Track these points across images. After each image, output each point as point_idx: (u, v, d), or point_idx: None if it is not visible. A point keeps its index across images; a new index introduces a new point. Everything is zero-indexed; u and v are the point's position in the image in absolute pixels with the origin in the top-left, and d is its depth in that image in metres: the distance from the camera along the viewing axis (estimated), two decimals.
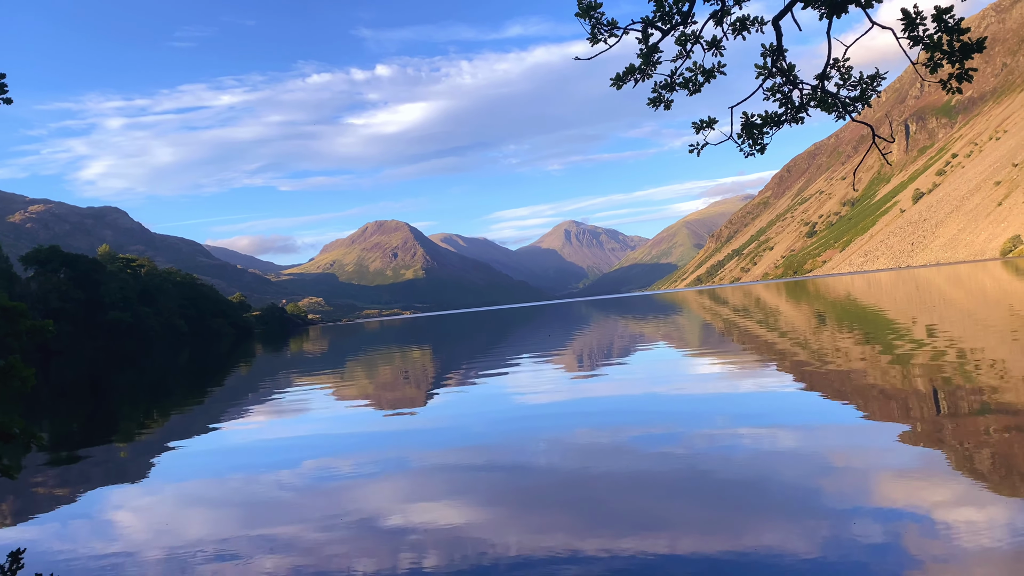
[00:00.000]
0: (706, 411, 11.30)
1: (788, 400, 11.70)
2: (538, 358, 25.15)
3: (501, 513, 6.90)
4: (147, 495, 9.19)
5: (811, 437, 8.83)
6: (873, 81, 5.90)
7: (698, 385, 14.63)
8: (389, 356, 35.66)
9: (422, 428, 12.56)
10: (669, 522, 6.14)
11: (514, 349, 31.32)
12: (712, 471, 7.63)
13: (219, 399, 21.35)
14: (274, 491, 8.65)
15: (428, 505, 7.39)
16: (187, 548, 6.65)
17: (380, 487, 8.38)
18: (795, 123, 6.18)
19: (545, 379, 18.36)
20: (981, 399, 10.07)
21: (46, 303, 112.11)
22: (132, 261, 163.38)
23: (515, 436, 10.69)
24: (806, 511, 6.10)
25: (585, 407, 13.05)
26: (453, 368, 25.40)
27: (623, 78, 6.01)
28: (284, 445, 11.95)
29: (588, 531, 6.09)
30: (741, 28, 5.75)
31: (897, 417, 9.50)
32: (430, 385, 20.10)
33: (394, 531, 6.59)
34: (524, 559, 5.58)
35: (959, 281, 59.82)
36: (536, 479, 8.05)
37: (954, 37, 5.10)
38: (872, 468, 7.21)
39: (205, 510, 8.13)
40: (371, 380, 23.58)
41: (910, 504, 6.03)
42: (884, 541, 5.30)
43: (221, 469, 10.37)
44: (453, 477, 8.56)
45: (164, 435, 14.75)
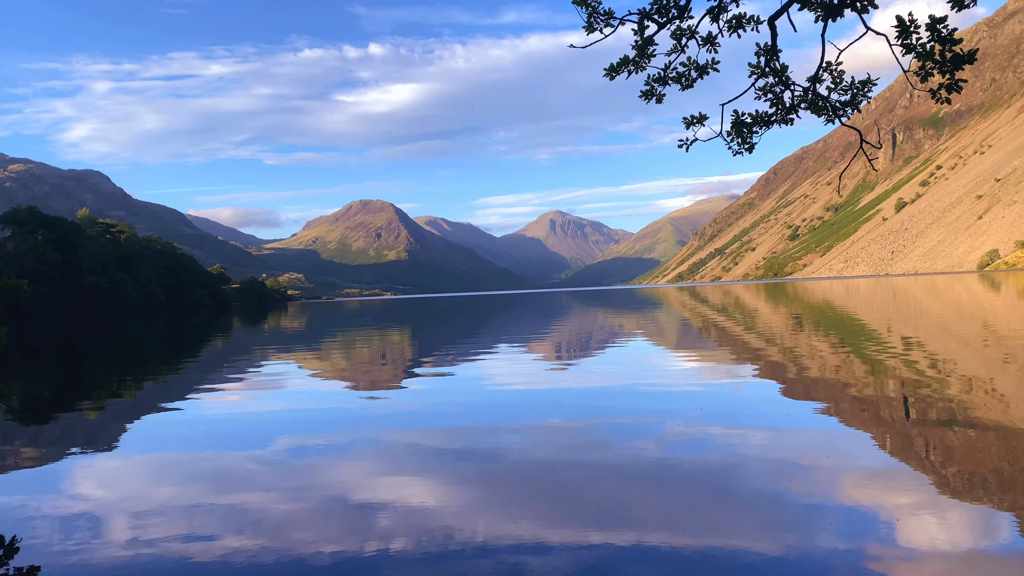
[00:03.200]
0: (679, 406, 11.37)
1: (761, 399, 11.80)
2: (516, 346, 25.19)
3: (470, 497, 6.91)
4: (116, 462, 9.12)
5: (781, 437, 8.91)
6: (864, 87, 5.92)
7: (673, 380, 14.72)
8: (368, 337, 35.57)
9: (396, 409, 12.55)
10: (636, 514, 6.18)
11: (493, 336, 31.35)
12: (682, 466, 7.68)
13: (194, 370, 21.21)
14: (244, 464, 8.62)
15: (398, 485, 7.39)
16: (152, 518, 6.61)
17: (351, 466, 8.37)
18: (785, 124, 6.20)
19: (522, 367, 18.39)
20: (950, 407, 10.21)
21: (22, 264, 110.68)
22: (112, 226, 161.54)
23: (489, 422, 10.70)
24: (772, 509, 6.17)
25: (560, 397, 13.10)
26: (431, 352, 25.39)
27: (617, 69, 6.00)
28: (257, 420, 11.90)
29: (556, 519, 6.12)
30: (737, 26, 5.76)
31: (867, 421, 9.61)
32: (407, 367, 20.07)
33: (363, 510, 6.59)
34: (491, 544, 5.60)
35: (936, 291, 60.52)
36: (507, 465, 8.07)
37: (946, 47, 5.13)
38: (839, 469, 7.29)
39: (174, 481, 8.08)
40: (348, 360, 23.51)
41: (875, 506, 6.11)
42: (847, 540, 5.37)
43: (192, 440, 10.31)
44: (425, 459, 8.57)
45: (136, 404, 14.63)
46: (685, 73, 6.02)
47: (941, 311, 34.56)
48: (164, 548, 5.84)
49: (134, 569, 5.45)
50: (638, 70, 5.90)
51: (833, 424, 9.62)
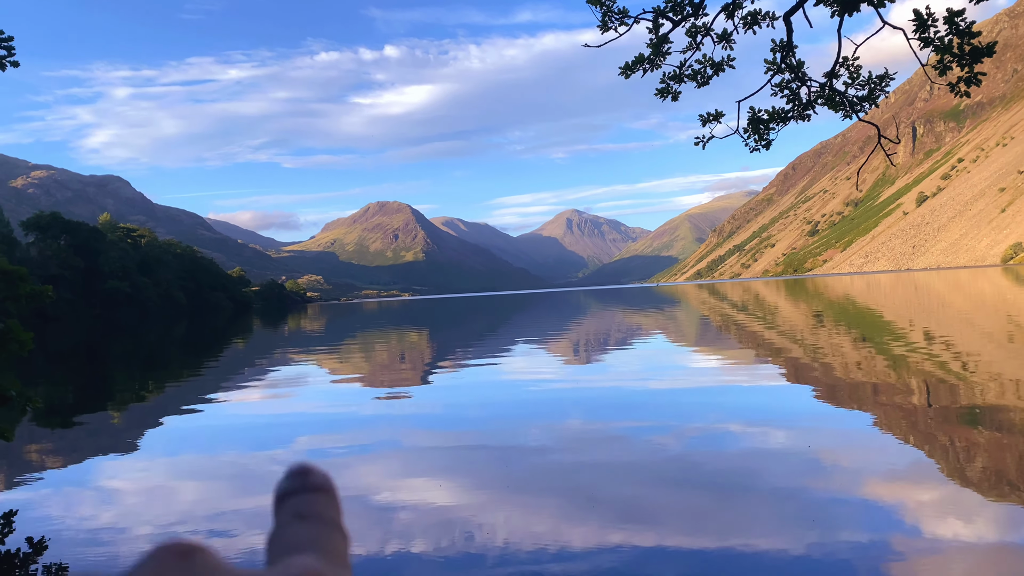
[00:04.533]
0: (699, 404, 11.33)
1: (782, 397, 11.73)
2: (534, 345, 25.19)
3: (491, 497, 6.93)
4: (140, 464, 9.22)
5: (802, 434, 8.86)
6: (882, 81, 5.87)
7: (693, 378, 14.66)
8: (386, 337, 35.70)
9: (416, 409, 12.59)
10: (657, 513, 6.17)
11: (511, 335, 31.36)
12: (702, 464, 7.66)
13: (215, 372, 21.39)
14: (266, 465, 8.69)
15: (419, 486, 7.42)
16: (177, 519, 6.69)
17: (371, 466, 8.42)
18: (802, 120, 6.16)
19: (540, 366, 18.40)
20: (974, 404, 10.10)
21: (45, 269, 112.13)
22: (133, 231, 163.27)
23: (508, 421, 10.72)
24: (795, 507, 6.13)
25: (579, 395, 13.09)
26: (449, 351, 25.44)
27: (632, 67, 5.99)
28: (278, 421, 11.99)
29: (576, 519, 6.12)
30: (752, 22, 5.72)
31: (890, 418, 9.53)
32: (426, 367, 20.13)
33: (383, 511, 6.62)
34: (512, 545, 5.61)
35: (959, 286, 59.84)
36: (527, 465, 8.08)
37: (965, 40, 5.08)
38: (862, 467, 7.24)
39: (197, 482, 8.16)
40: (367, 360, 23.61)
41: (898, 503, 6.06)
42: (870, 538, 5.33)
43: (214, 442, 10.41)
44: (445, 459, 8.60)
45: (159, 406, 14.79)
46: (701, 70, 5.99)
47: (965, 306, 34.17)
48: None
49: None
50: (653, 68, 5.88)
51: (855, 421, 9.54)
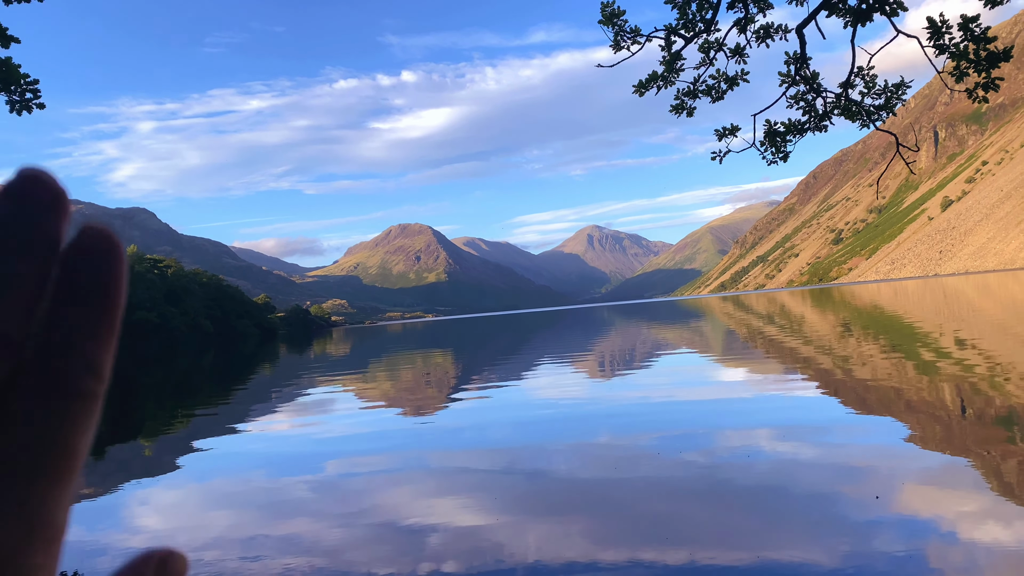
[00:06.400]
0: (728, 418, 11.25)
1: (811, 408, 11.62)
2: (560, 362, 25.14)
3: (520, 517, 6.92)
4: (172, 492, 9.32)
5: (834, 445, 8.76)
6: (898, 89, 5.85)
7: (720, 392, 14.56)
8: (411, 359, 35.81)
9: (443, 430, 12.62)
10: (689, 530, 6.14)
11: (536, 353, 31.33)
12: (733, 479, 7.60)
13: (243, 399, 21.57)
14: (297, 491, 8.75)
15: (448, 507, 7.43)
16: (210, 546, 6.75)
17: (401, 488, 8.45)
18: (818, 131, 6.14)
19: (566, 384, 18.36)
20: (1009, 411, 9.94)
21: None
22: (159, 262, 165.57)
23: (535, 440, 10.71)
24: (828, 521, 6.07)
25: (606, 412, 13.04)
26: (474, 371, 25.46)
27: (646, 85, 6.01)
28: (307, 445, 12.06)
29: (607, 538, 6.10)
30: (765, 36, 5.73)
31: (922, 427, 9.41)
32: (451, 388, 20.17)
33: (414, 532, 6.64)
34: (543, 565, 5.61)
35: (989, 290, 58.94)
36: (556, 484, 8.07)
37: (980, 46, 5.05)
38: (895, 478, 7.15)
39: (229, 509, 8.23)
40: (393, 382, 23.70)
41: (934, 515, 5.98)
42: (906, 552, 5.26)
43: (245, 468, 10.50)
44: (473, 480, 8.60)
45: (189, 434, 14.94)
46: (715, 85, 6.00)
47: (995, 311, 33.65)
48: (220, 570, 5.96)
49: None
50: (667, 85, 5.90)
51: (888, 431, 9.43)
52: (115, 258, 0.35)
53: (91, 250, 0.34)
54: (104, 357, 0.35)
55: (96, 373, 0.35)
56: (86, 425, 0.35)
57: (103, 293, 0.35)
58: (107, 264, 0.34)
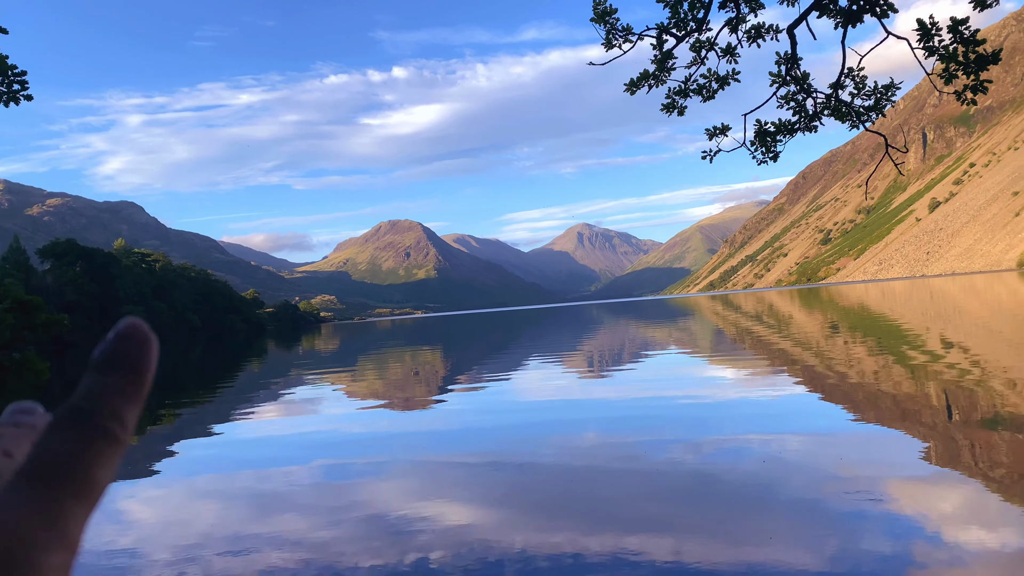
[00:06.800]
0: (715, 417, 11.29)
1: (798, 407, 11.67)
2: (549, 360, 25.17)
3: (508, 513, 6.93)
4: (158, 488, 9.28)
5: (821, 444, 8.81)
6: (888, 91, 5.88)
7: (708, 390, 14.61)
8: (400, 355, 35.77)
9: (431, 426, 12.61)
10: (675, 528, 6.16)
11: (525, 350, 31.35)
12: (719, 477, 7.63)
13: (231, 395, 21.49)
14: (284, 487, 8.72)
15: (436, 503, 7.43)
16: (197, 541, 6.73)
17: (389, 484, 8.44)
18: (808, 131, 6.17)
19: (555, 382, 18.38)
20: (995, 412, 10.02)
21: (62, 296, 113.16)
22: (147, 256, 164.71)
23: (524, 437, 10.71)
24: (813, 520, 6.10)
25: (594, 410, 13.06)
26: (463, 368, 25.46)
27: (637, 84, 6.02)
28: (294, 441, 12.03)
29: (593, 535, 6.11)
30: (756, 36, 5.76)
31: (909, 427, 9.47)
32: (440, 384, 20.15)
33: (402, 528, 6.64)
34: (529, 561, 5.61)
35: (975, 292, 59.37)
36: (543, 480, 8.08)
37: (969, 48, 5.09)
38: (882, 478, 7.19)
39: (215, 504, 8.21)
40: (382, 378, 23.66)
41: (920, 516, 6.02)
42: (892, 552, 5.29)
43: (231, 464, 10.46)
44: (461, 476, 8.61)
45: (175, 429, 14.87)
46: (706, 85, 6.02)
47: (981, 312, 33.89)
48: (207, 566, 5.95)
49: None
50: (658, 84, 5.91)
51: (874, 430, 9.49)
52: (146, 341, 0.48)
53: (129, 335, 0.47)
54: (128, 412, 0.47)
55: (120, 421, 0.46)
56: (106, 462, 0.44)
57: (133, 365, 0.47)
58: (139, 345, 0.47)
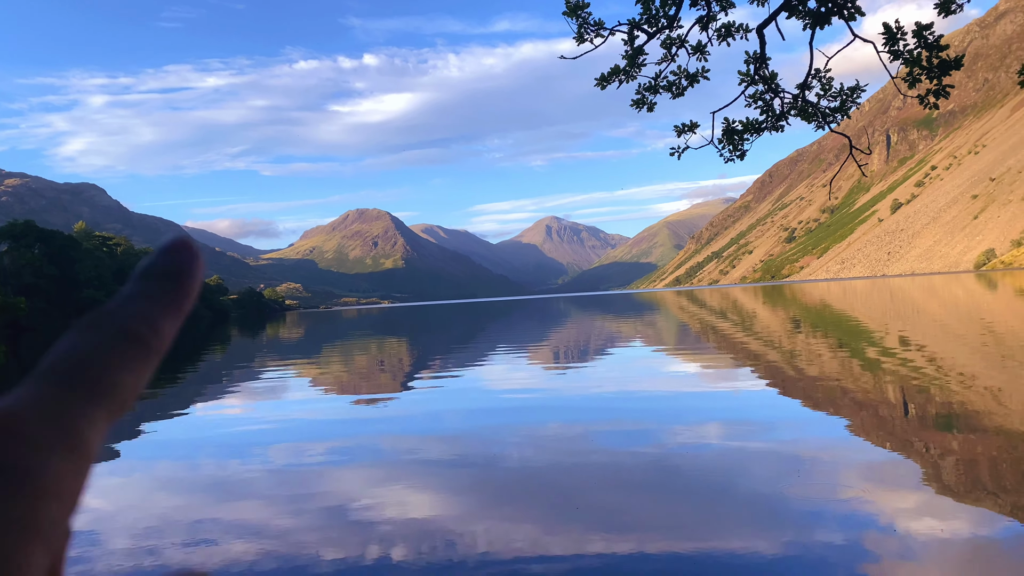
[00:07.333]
0: (678, 410, 11.42)
1: (759, 402, 11.85)
2: (515, 352, 25.23)
3: (470, 505, 6.95)
4: (116, 474, 9.15)
5: (780, 439, 8.95)
6: (853, 93, 5.99)
7: (671, 384, 14.76)
8: (366, 345, 35.59)
9: (395, 417, 12.58)
10: (636, 519, 6.22)
11: (491, 342, 31.38)
12: (680, 469, 7.72)
13: (193, 382, 21.23)
14: (245, 475, 8.65)
15: (398, 494, 7.43)
16: (156, 530, 6.65)
17: (351, 475, 8.41)
18: (775, 131, 6.26)
19: (520, 373, 18.43)
20: (950, 408, 10.26)
21: (19, 278, 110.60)
22: (109, 239, 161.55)
23: (487, 429, 10.74)
24: (772, 511, 6.21)
25: (559, 402, 13.13)
26: (429, 359, 25.41)
27: (608, 79, 6.06)
28: (257, 430, 11.93)
29: (556, 526, 6.16)
30: (726, 34, 5.82)
31: (866, 422, 9.66)
32: (405, 375, 20.10)
33: (363, 519, 6.63)
34: (492, 552, 5.64)
35: (933, 292, 60.66)
36: (506, 472, 8.11)
37: (933, 53, 5.20)
38: (838, 471, 7.33)
39: (175, 492, 8.11)
40: (346, 368, 23.54)
41: (874, 508, 6.15)
42: (846, 541, 5.41)
43: (192, 452, 10.34)
44: (424, 467, 8.61)
45: (135, 416, 14.66)
46: (676, 81, 6.08)
47: (939, 312, 34.64)
48: (166, 557, 5.88)
49: (136, 575, 5.49)
50: (629, 79, 5.96)
51: (832, 426, 9.66)
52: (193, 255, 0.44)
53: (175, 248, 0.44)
54: (163, 320, 0.43)
55: (152, 327, 0.42)
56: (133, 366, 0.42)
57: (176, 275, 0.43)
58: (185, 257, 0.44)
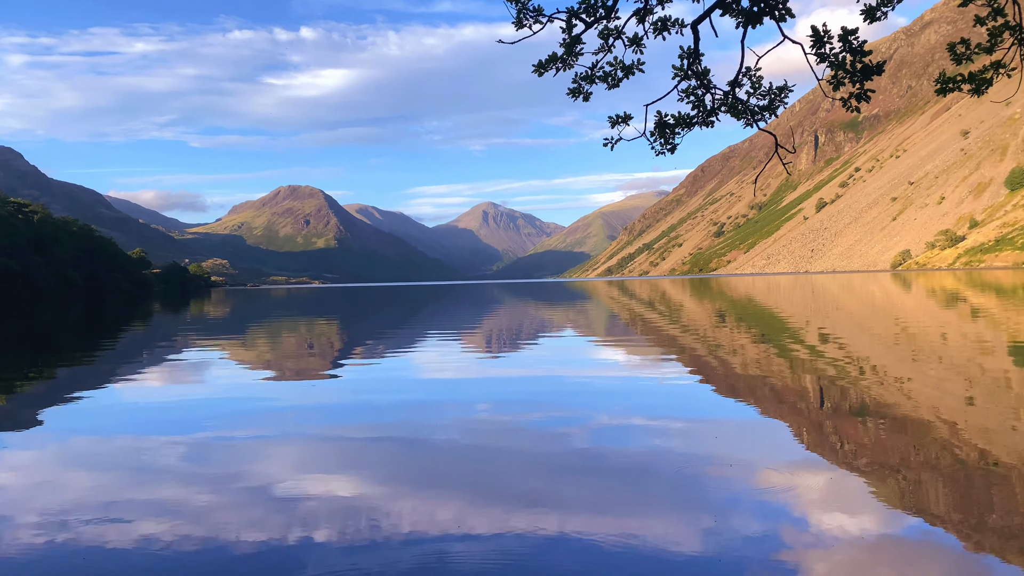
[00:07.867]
0: (604, 398, 11.62)
1: (683, 392, 12.14)
2: (446, 337, 25.21)
3: (396, 487, 6.95)
4: (26, 449, 8.82)
5: (702, 427, 9.21)
6: (781, 92, 6.17)
7: (599, 372, 15.00)
8: (294, 325, 35.02)
9: (322, 399, 12.46)
10: (559, 504, 6.33)
11: (423, 326, 31.27)
12: (605, 455, 7.88)
13: (111, 357, 20.55)
14: (163, 454, 8.45)
15: (323, 475, 7.37)
16: (68, 507, 6.45)
17: (275, 455, 8.30)
18: (706, 126, 6.41)
19: (451, 359, 18.45)
20: (862, 401, 10.71)
21: None
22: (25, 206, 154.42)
23: (416, 412, 10.74)
24: (692, 497, 6.40)
25: (488, 387, 13.21)
26: (359, 342, 25.19)
27: (545, 66, 6.10)
28: (177, 408, 11.65)
29: (480, 508, 6.22)
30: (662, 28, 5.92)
31: (785, 414, 10.01)
32: (335, 358, 19.89)
33: (286, 499, 6.56)
34: (416, 533, 5.66)
35: (852, 289, 62.97)
36: (433, 455, 8.14)
37: (857, 58, 5.39)
38: (756, 459, 7.59)
39: (89, 469, 7.87)
40: (273, 349, 23.14)
41: (789, 495, 6.39)
42: (762, 529, 5.61)
43: (108, 428, 10.03)
44: (350, 449, 8.56)
45: (49, 389, 14.13)
46: (612, 72, 6.16)
47: (856, 308, 36.01)
48: (79, 533, 5.72)
49: (48, 553, 5.32)
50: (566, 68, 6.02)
51: (752, 415, 9.98)
52: None
53: None
54: None
55: None
56: None
57: None
58: None
